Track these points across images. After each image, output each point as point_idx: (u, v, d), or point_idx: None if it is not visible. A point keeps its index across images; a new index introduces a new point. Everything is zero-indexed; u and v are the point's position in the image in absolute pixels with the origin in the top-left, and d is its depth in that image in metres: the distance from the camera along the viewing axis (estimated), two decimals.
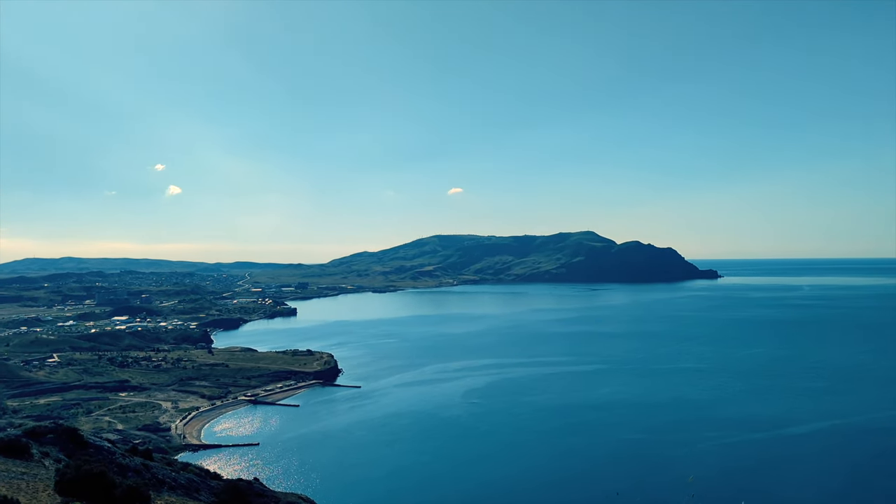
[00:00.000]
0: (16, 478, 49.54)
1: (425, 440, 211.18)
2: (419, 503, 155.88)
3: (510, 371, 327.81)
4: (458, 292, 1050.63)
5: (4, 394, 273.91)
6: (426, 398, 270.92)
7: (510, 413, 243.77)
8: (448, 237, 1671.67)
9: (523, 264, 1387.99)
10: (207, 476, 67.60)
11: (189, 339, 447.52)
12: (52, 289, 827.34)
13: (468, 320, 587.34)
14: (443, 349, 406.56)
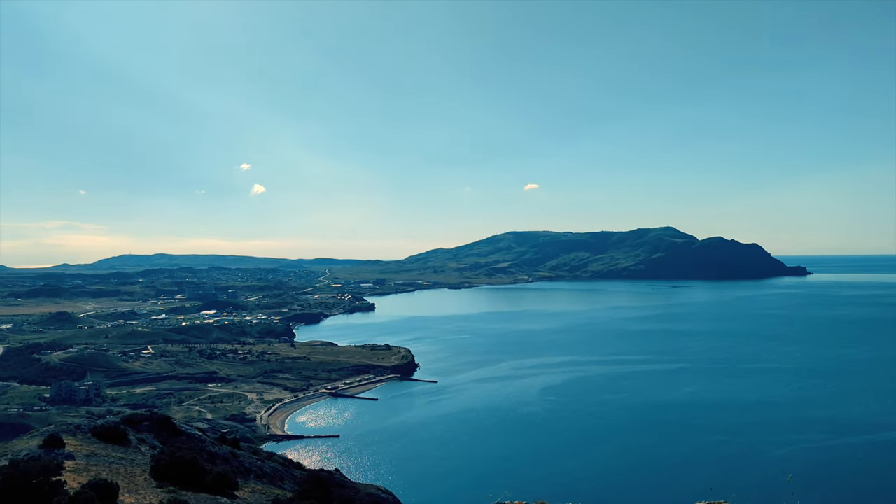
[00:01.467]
0: (115, 463, 52.61)
1: (503, 436, 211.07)
2: (497, 498, 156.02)
3: (587, 369, 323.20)
4: (534, 289, 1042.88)
5: (104, 383, 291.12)
6: (503, 394, 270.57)
7: (588, 411, 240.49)
8: (523, 234, 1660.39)
9: (600, 261, 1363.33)
10: (291, 466, 69.85)
11: (273, 333, 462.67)
12: (147, 284, 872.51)
13: (544, 317, 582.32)
14: (518, 346, 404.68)
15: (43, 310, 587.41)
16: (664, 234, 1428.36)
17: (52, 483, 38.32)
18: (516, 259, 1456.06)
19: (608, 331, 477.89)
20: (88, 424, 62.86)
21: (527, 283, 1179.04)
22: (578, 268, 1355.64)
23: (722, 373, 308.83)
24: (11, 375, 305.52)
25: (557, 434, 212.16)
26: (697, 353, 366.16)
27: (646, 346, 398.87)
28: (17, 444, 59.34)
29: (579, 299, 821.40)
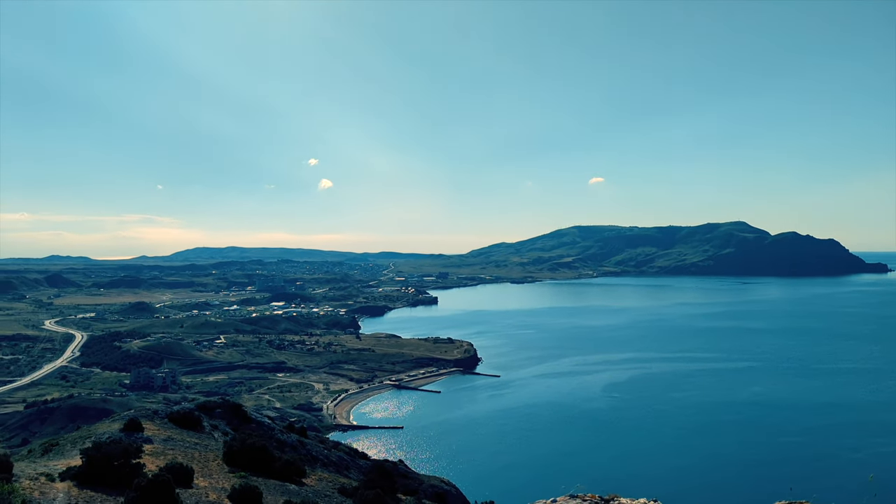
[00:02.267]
0: (190, 447, 54.85)
1: (566, 432, 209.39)
2: (570, 490, 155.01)
3: (653, 366, 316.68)
4: (598, 284, 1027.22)
5: (179, 370, 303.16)
6: (566, 390, 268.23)
7: (654, 409, 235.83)
8: (588, 228, 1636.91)
9: (667, 256, 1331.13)
10: (356, 455, 71.27)
11: (339, 325, 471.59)
12: (219, 276, 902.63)
13: (609, 313, 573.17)
14: (582, 341, 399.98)
15: (123, 299, 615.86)
16: (734, 229, 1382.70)
17: (132, 465, 40.31)
18: (581, 254, 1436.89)
19: (675, 327, 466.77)
20: (165, 410, 65.75)
21: (591, 278, 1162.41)
22: (645, 263, 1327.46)
23: (795, 372, 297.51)
24: (95, 362, 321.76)
25: (622, 431, 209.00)
26: (769, 352, 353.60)
27: (714, 343, 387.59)
28: (99, 427, 62.61)
29: (645, 295, 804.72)
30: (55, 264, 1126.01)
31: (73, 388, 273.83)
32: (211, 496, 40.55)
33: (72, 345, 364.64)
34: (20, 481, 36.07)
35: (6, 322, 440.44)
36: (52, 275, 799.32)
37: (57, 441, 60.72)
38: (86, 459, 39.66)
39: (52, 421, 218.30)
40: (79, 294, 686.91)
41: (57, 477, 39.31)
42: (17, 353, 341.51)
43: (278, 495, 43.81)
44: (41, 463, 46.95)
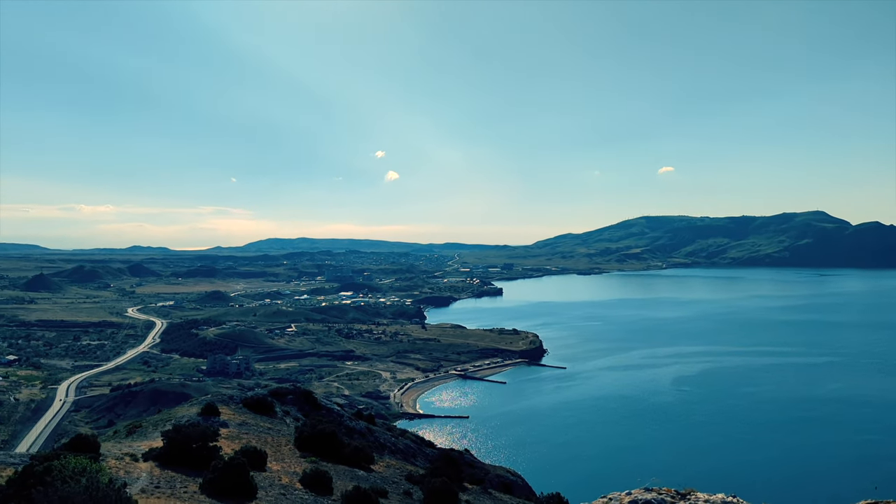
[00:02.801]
0: (263, 432, 56.70)
1: (634, 425, 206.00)
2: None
3: (725, 359, 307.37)
4: (668, 276, 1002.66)
5: (253, 357, 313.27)
6: (634, 383, 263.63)
7: (726, 403, 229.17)
8: (656, 218, 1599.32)
9: (740, 247, 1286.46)
10: (423, 444, 72.06)
11: (405, 315, 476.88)
12: (290, 266, 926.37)
13: (678, 305, 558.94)
14: (651, 334, 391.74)
15: (199, 289, 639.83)
16: (812, 219, 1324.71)
17: (209, 448, 41.95)
18: (649, 245, 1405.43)
19: (748, 320, 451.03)
20: (240, 396, 68.08)
21: (660, 270, 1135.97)
22: (716, 254, 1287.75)
23: (877, 368, 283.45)
24: (174, 348, 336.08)
25: (693, 426, 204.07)
26: (849, 347, 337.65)
27: (790, 337, 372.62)
28: (178, 411, 65.39)
29: (717, 287, 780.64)
30: (136, 254, 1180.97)
31: (154, 372, 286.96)
32: (283, 480, 41.86)
33: (152, 331, 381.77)
34: (107, 460, 38.09)
35: (93, 309, 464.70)
36: (134, 264, 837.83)
37: (140, 423, 63.82)
38: (166, 441, 41.55)
39: (135, 404, 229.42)
40: (158, 283, 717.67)
41: (140, 457, 41.34)
42: (103, 338, 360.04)
43: (347, 481, 44.82)
44: (126, 443, 49.43)
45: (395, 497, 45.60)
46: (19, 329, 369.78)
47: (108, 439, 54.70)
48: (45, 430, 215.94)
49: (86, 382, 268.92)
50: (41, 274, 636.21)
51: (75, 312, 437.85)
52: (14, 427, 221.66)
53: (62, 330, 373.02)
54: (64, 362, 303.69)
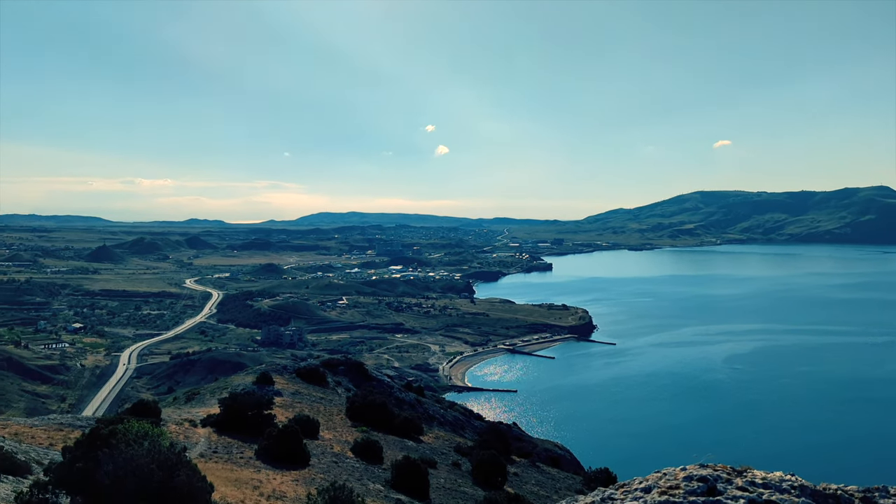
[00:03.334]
0: (315, 401, 58.04)
1: (684, 402, 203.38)
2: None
3: (780, 338, 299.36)
4: (722, 252, 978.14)
5: (305, 329, 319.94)
6: (685, 360, 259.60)
7: (780, 383, 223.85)
8: (711, 193, 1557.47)
9: (799, 223, 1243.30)
10: (471, 416, 72.65)
11: (454, 289, 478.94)
12: (341, 240, 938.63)
13: (733, 282, 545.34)
14: (703, 311, 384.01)
15: (254, 261, 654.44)
16: (876, 194, 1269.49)
17: (264, 416, 43.15)
18: (703, 220, 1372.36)
19: (806, 298, 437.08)
20: (293, 366, 69.72)
21: (714, 246, 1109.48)
22: (773, 230, 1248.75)
23: None
24: (229, 319, 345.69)
25: (745, 405, 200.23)
26: None
27: (850, 316, 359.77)
28: (234, 380, 67.44)
29: (773, 264, 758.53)
30: (194, 227, 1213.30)
31: (211, 342, 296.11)
32: (335, 448, 42.82)
33: (209, 302, 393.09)
34: (167, 425, 39.57)
35: (153, 280, 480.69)
36: (192, 237, 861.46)
37: (198, 391, 66.07)
38: (223, 408, 42.91)
39: (193, 372, 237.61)
40: (215, 255, 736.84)
41: (198, 423, 42.84)
42: (163, 308, 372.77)
43: (397, 450, 45.61)
44: (185, 410, 51.28)
45: (444, 468, 46.22)
46: (84, 298, 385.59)
47: (168, 405, 56.87)
48: (109, 395, 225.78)
49: (146, 350, 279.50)
50: (104, 245, 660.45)
51: (136, 283, 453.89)
52: (81, 391, 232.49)
53: (124, 299, 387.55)
54: (126, 331, 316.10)
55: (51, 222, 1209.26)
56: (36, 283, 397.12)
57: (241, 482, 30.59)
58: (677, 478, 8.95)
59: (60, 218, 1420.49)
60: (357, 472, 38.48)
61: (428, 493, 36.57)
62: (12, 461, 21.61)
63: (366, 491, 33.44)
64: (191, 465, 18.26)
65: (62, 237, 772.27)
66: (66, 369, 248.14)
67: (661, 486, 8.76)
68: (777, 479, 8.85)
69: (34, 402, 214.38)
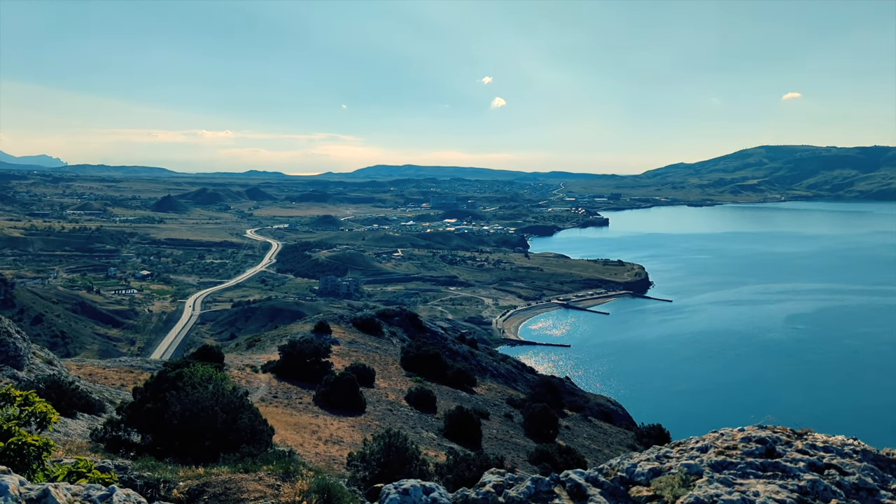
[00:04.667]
0: (371, 351, 59.35)
1: (741, 361, 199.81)
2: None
3: (845, 298, 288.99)
4: (786, 209, 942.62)
5: (361, 280, 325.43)
6: (743, 318, 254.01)
7: (843, 344, 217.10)
8: (777, 148, 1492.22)
9: (870, 179, 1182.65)
10: (524, 369, 73.19)
11: (508, 243, 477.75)
12: (396, 192, 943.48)
13: (797, 240, 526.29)
14: (765, 268, 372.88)
15: (312, 213, 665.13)
16: None
17: (321, 363, 44.40)
18: (767, 176, 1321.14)
19: (874, 257, 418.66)
20: (350, 315, 71.20)
21: (778, 202, 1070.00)
22: (842, 187, 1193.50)
23: None
24: (288, 269, 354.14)
25: (806, 364, 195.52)
26: None
27: None
28: (293, 328, 69.41)
29: (841, 221, 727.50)
30: (253, 179, 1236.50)
31: (271, 291, 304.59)
32: (390, 396, 43.86)
33: (269, 252, 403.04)
34: (230, 370, 41.14)
35: (215, 230, 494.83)
36: (252, 188, 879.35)
37: (258, 337, 68.31)
38: (283, 355, 44.32)
39: (254, 319, 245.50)
40: (274, 206, 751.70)
41: (259, 368, 44.42)
42: (225, 257, 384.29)
43: (451, 401, 46.47)
44: (246, 356, 53.17)
45: (497, 419, 46.92)
46: (151, 246, 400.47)
47: (230, 351, 59.04)
48: (175, 340, 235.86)
49: (210, 298, 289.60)
50: (169, 196, 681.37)
51: (199, 232, 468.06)
52: (149, 336, 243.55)
53: (188, 248, 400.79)
54: (190, 278, 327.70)
55: (119, 172, 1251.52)
56: (106, 232, 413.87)
57: (300, 426, 31.74)
58: (735, 438, 8.81)
59: (128, 168, 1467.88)
60: (411, 420, 39.42)
61: (480, 443, 37.27)
62: (87, 400, 22.85)
63: (419, 439, 34.27)
64: (253, 409, 18.98)
65: (129, 187, 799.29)
66: (135, 314, 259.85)
67: (717, 447, 8.64)
68: (839, 443, 8.62)
69: (106, 345, 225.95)
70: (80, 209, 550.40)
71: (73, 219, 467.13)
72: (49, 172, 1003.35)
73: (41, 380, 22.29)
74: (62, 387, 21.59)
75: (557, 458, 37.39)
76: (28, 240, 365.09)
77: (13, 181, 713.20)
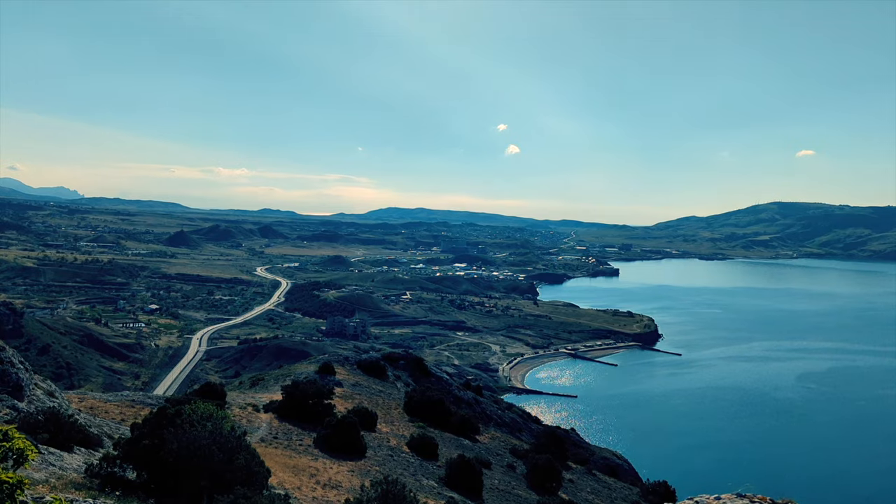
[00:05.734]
0: (374, 394, 58.76)
1: (751, 419, 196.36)
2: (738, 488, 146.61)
3: (858, 358, 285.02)
4: (798, 266, 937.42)
5: (369, 321, 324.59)
6: (754, 375, 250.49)
7: (856, 405, 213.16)
8: (789, 204, 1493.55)
9: (884, 239, 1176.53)
10: (529, 419, 72.08)
11: (517, 290, 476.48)
12: (407, 235, 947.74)
13: (809, 297, 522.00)
14: (776, 325, 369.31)
15: (322, 252, 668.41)
16: None
17: (324, 405, 43.93)
18: (779, 232, 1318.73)
19: (888, 318, 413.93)
20: (355, 357, 70.74)
21: (790, 259, 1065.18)
22: (855, 246, 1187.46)
23: None
24: (297, 307, 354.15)
25: (815, 426, 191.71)
26: None
27: None
28: (298, 368, 68.96)
29: (855, 281, 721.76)
30: (266, 217, 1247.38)
31: (278, 329, 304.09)
32: (392, 442, 43.22)
33: (278, 291, 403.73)
34: (232, 408, 40.77)
35: (226, 266, 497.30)
36: (264, 226, 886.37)
37: (262, 376, 67.85)
38: (285, 395, 43.92)
39: (259, 357, 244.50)
40: (285, 245, 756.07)
41: (261, 408, 44.00)
42: (234, 294, 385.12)
43: (453, 448, 45.70)
44: (249, 394, 52.76)
45: (499, 469, 46.03)
46: (161, 281, 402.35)
47: (234, 388, 58.62)
48: (180, 376, 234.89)
49: (216, 334, 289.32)
50: (182, 231, 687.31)
51: (210, 268, 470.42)
52: (154, 370, 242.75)
53: (198, 284, 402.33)
54: (198, 314, 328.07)
55: (134, 206, 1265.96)
56: (117, 264, 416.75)
57: (298, 469, 31.24)
58: None
59: (143, 203, 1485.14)
60: (412, 467, 38.75)
61: (481, 494, 36.49)
62: (85, 434, 22.64)
63: (419, 487, 33.62)
64: (250, 450, 18.73)
65: (143, 221, 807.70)
66: (142, 348, 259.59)
67: None
68: None
69: (111, 378, 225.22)
70: (94, 241, 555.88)
71: (86, 250, 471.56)
72: (65, 204, 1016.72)
73: (40, 411, 22.14)
74: (60, 419, 21.42)
75: None
76: (40, 270, 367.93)
77: (30, 212, 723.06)
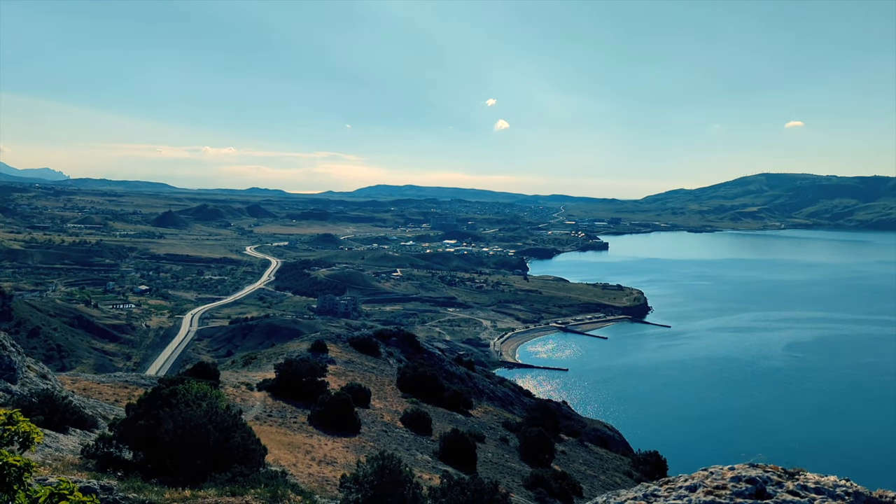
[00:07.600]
0: (367, 371, 59.09)
1: (740, 389, 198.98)
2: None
3: (844, 327, 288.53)
4: (786, 237, 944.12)
5: (360, 299, 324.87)
6: (742, 345, 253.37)
7: (843, 373, 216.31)
8: (777, 175, 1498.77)
9: (870, 209, 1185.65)
10: (521, 393, 72.80)
11: (507, 265, 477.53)
12: (397, 212, 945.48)
13: (796, 268, 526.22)
14: (764, 296, 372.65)
15: (312, 231, 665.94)
16: None
17: (317, 382, 44.16)
18: (767, 203, 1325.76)
19: (874, 287, 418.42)
20: (347, 335, 71.01)
21: (778, 230, 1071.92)
22: (841, 216, 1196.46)
23: None
24: (287, 286, 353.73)
25: (804, 393, 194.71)
26: None
27: None
28: (290, 346, 69.16)
29: (841, 251, 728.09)
30: (255, 196, 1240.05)
31: (269, 308, 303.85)
32: (385, 417, 43.58)
33: (268, 270, 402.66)
34: (225, 387, 40.90)
35: (215, 246, 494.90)
36: (253, 205, 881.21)
37: (255, 355, 68.02)
38: (279, 374, 44.09)
39: (251, 336, 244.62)
40: (274, 224, 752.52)
41: (255, 386, 44.18)
42: (224, 274, 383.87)
43: (446, 423, 46.16)
44: (242, 373, 52.90)
45: (492, 442, 46.59)
46: (150, 261, 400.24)
47: (226, 368, 58.75)
48: (172, 356, 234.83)
49: (207, 314, 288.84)
50: (170, 211, 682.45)
51: (199, 248, 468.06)
52: (145, 351, 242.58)
53: (187, 264, 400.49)
54: (189, 294, 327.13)
55: (120, 187, 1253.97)
56: (105, 246, 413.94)
57: (293, 446, 31.50)
58: (724, 477, 8.75)
59: (129, 183, 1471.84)
60: (406, 442, 39.15)
61: (475, 467, 36.96)
62: (80, 415, 22.71)
63: (414, 461, 34.01)
64: (246, 428, 18.87)
65: (131, 202, 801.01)
66: (132, 329, 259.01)
67: (707, 486, 8.59)
68: (830, 484, 8.55)
69: (102, 359, 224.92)
70: (81, 223, 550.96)
71: (73, 232, 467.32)
72: (51, 185, 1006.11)
73: (34, 394, 22.18)
74: (55, 401, 21.48)
75: (553, 483, 37.08)
76: (27, 252, 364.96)
77: (15, 193, 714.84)
